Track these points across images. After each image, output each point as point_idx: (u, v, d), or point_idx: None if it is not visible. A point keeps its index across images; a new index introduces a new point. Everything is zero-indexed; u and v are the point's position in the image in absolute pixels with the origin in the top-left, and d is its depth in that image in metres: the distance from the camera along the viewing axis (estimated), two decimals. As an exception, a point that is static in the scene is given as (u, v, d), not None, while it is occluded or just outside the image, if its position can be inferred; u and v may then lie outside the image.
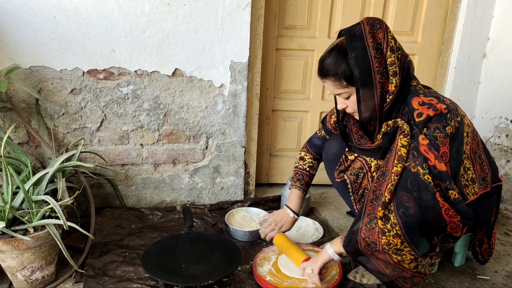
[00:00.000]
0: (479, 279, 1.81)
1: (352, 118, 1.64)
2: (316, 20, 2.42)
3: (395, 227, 1.34)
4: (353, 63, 1.39)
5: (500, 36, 2.52)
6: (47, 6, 1.89)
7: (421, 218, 1.32)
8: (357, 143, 1.62)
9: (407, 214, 1.33)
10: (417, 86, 1.48)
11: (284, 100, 2.55)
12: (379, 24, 1.42)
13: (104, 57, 2.02)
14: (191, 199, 2.38)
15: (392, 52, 1.40)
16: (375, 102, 1.43)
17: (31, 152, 2.07)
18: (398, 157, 1.37)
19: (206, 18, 2.05)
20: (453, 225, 1.33)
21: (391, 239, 1.35)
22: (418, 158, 1.33)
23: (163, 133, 2.22)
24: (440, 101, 1.38)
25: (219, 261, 1.76)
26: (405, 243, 1.34)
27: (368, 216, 1.42)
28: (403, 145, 1.37)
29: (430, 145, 1.33)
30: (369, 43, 1.39)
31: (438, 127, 1.34)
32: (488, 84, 2.62)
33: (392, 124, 1.43)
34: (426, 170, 1.32)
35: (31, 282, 1.62)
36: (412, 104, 1.40)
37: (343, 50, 1.43)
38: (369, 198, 1.44)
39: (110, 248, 1.90)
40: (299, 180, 1.89)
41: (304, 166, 1.90)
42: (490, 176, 1.57)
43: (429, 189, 1.30)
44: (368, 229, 1.40)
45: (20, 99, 1.99)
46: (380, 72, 1.39)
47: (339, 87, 1.46)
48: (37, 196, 1.60)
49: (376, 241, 1.38)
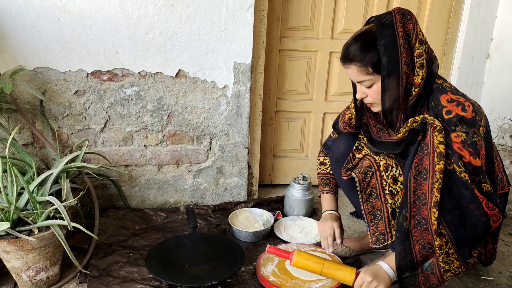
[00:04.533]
0: (483, 280, 1.80)
1: (368, 111, 1.63)
2: (319, 21, 2.42)
3: (438, 226, 1.34)
4: (382, 50, 1.37)
5: (503, 36, 2.51)
6: (51, 8, 1.90)
7: (463, 215, 1.32)
8: (377, 136, 1.60)
9: (451, 213, 1.33)
10: (444, 83, 1.46)
11: (287, 101, 2.55)
12: (409, 15, 1.41)
13: (108, 58, 2.03)
14: (194, 200, 2.38)
15: (421, 44, 1.39)
16: (399, 92, 1.42)
17: (36, 153, 2.08)
18: (438, 155, 1.33)
19: (209, 19, 2.06)
20: (495, 217, 1.33)
21: (438, 238, 1.35)
22: (453, 156, 1.33)
23: (166, 134, 2.22)
24: (467, 100, 1.37)
25: (222, 261, 1.76)
26: (450, 244, 1.35)
27: (415, 218, 1.40)
28: (440, 142, 1.34)
29: (464, 142, 1.32)
30: (399, 32, 1.37)
31: (475, 132, 1.33)
32: (492, 85, 2.62)
33: (420, 120, 1.40)
34: (462, 168, 1.31)
35: (35, 282, 1.63)
36: (441, 101, 1.39)
37: (372, 36, 1.40)
38: (411, 199, 1.41)
39: (114, 248, 1.90)
40: (327, 184, 1.86)
41: (327, 170, 1.88)
42: (505, 178, 1.58)
43: (467, 186, 1.31)
44: (419, 231, 1.39)
45: (25, 100, 2.00)
46: (406, 62, 1.37)
47: (364, 74, 1.44)
48: (41, 197, 1.61)
49: (431, 242, 1.37)
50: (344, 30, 2.43)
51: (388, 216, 1.59)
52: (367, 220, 1.65)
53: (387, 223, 1.60)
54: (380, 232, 1.62)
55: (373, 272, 1.49)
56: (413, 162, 1.41)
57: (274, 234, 2.10)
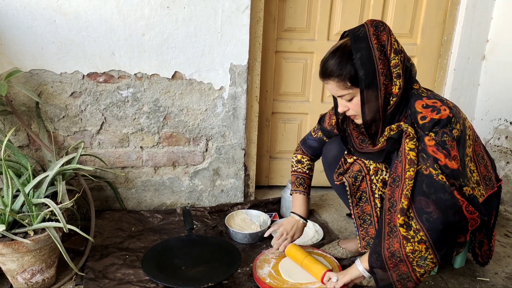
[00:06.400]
0: (479, 281, 1.81)
1: (352, 123, 1.64)
2: (315, 23, 2.42)
3: (418, 233, 1.33)
4: (359, 64, 1.38)
5: (499, 38, 2.53)
6: (47, 10, 1.90)
7: (444, 220, 1.31)
8: (359, 147, 1.62)
9: (430, 219, 1.31)
10: (420, 89, 1.47)
11: (283, 103, 2.56)
12: (382, 26, 1.42)
13: (104, 60, 2.03)
14: (191, 201, 2.38)
15: (396, 54, 1.40)
16: (379, 104, 1.42)
17: (31, 155, 2.07)
18: (408, 161, 1.35)
19: (205, 21, 2.06)
20: (473, 221, 1.33)
21: (416, 245, 1.33)
22: (428, 160, 1.33)
23: (163, 136, 2.22)
24: (444, 104, 1.38)
25: (219, 263, 1.76)
26: (430, 249, 1.33)
27: (389, 225, 1.41)
28: (411, 149, 1.36)
29: (437, 145, 1.33)
30: (373, 44, 1.39)
31: (445, 132, 1.33)
32: (488, 86, 2.63)
33: (396, 128, 1.42)
34: (438, 170, 1.31)
35: (31, 285, 1.62)
36: (416, 107, 1.40)
37: (347, 51, 1.42)
38: (386, 207, 1.42)
39: (110, 250, 1.90)
40: (301, 184, 1.87)
41: (303, 169, 1.89)
42: (494, 176, 1.59)
43: (446, 189, 1.30)
44: (390, 238, 1.39)
45: (20, 102, 2.00)
46: (384, 73, 1.39)
47: (343, 88, 1.45)
48: (37, 199, 1.61)
49: (399, 250, 1.36)
50: (340, 31, 2.43)
51: (377, 220, 1.60)
52: (357, 224, 1.66)
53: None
54: (370, 237, 1.63)
55: (343, 271, 1.55)
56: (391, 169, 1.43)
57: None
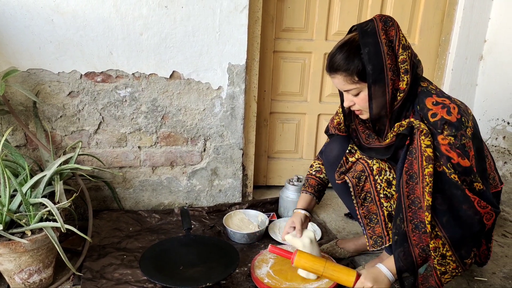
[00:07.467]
0: (476, 281, 1.81)
1: (357, 118, 1.64)
2: (313, 23, 2.42)
3: (434, 229, 1.36)
4: (366, 59, 1.38)
5: (496, 38, 2.53)
6: (44, 9, 1.89)
7: (457, 215, 1.34)
8: (365, 142, 1.62)
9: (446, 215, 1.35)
10: (429, 86, 1.47)
11: (281, 103, 2.56)
12: (391, 22, 1.42)
13: (102, 59, 2.02)
14: (189, 201, 2.38)
15: (404, 50, 1.40)
16: (386, 99, 1.43)
17: (29, 155, 2.06)
18: (426, 158, 1.35)
19: (203, 20, 2.06)
20: (488, 215, 1.35)
21: (433, 241, 1.36)
22: (441, 158, 1.34)
23: (161, 136, 2.22)
24: (452, 101, 1.39)
25: (217, 263, 1.76)
26: (447, 245, 1.36)
27: (412, 222, 1.41)
28: (427, 145, 1.35)
29: (451, 145, 1.34)
30: (382, 39, 1.39)
31: (463, 134, 1.34)
32: (485, 86, 2.63)
33: (406, 124, 1.41)
34: (451, 169, 1.33)
35: (28, 285, 1.62)
36: (426, 104, 1.40)
37: (355, 45, 1.42)
38: (406, 204, 1.42)
39: (108, 250, 1.89)
40: (308, 185, 1.88)
41: (311, 171, 1.90)
42: (498, 176, 1.60)
43: (458, 187, 1.32)
44: (417, 235, 1.40)
45: (18, 102, 1.99)
46: (391, 69, 1.39)
47: (350, 83, 1.45)
48: (34, 199, 1.60)
49: (428, 245, 1.38)
50: (338, 31, 2.43)
51: (384, 219, 1.60)
52: (363, 224, 1.66)
53: (384, 226, 1.60)
54: (377, 235, 1.62)
55: (373, 277, 1.48)
56: (404, 167, 1.42)
57: (269, 236, 2.10)
